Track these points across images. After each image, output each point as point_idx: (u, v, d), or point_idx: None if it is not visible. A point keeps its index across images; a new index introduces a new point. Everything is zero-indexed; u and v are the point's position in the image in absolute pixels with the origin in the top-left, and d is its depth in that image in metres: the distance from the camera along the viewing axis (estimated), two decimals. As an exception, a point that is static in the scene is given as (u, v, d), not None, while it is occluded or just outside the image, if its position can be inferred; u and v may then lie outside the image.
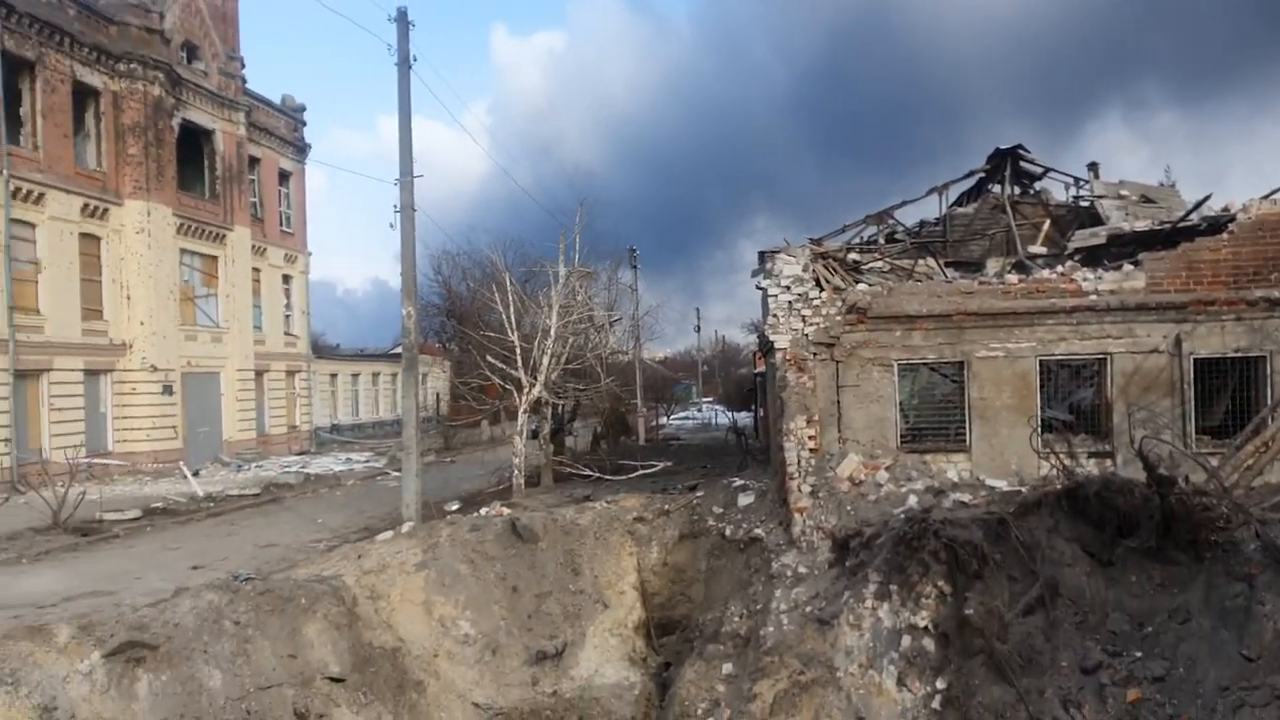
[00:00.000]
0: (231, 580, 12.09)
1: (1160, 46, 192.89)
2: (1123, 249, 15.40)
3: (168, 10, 32.37)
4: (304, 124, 43.34)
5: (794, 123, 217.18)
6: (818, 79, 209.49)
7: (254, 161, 38.75)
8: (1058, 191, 19.20)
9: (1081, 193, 18.58)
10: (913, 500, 12.89)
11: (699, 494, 16.50)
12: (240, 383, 35.89)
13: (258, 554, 16.92)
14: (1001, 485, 13.31)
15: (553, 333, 20.56)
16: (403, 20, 18.37)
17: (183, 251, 33.24)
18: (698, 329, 71.83)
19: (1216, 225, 14.33)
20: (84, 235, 29.15)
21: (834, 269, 15.53)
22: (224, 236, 35.48)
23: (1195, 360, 13.75)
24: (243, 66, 37.04)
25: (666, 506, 15.66)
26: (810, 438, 13.82)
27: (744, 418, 45.28)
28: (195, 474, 28.37)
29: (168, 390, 31.43)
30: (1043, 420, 14.05)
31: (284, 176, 41.81)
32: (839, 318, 14.21)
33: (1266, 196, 14.10)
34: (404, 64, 18.24)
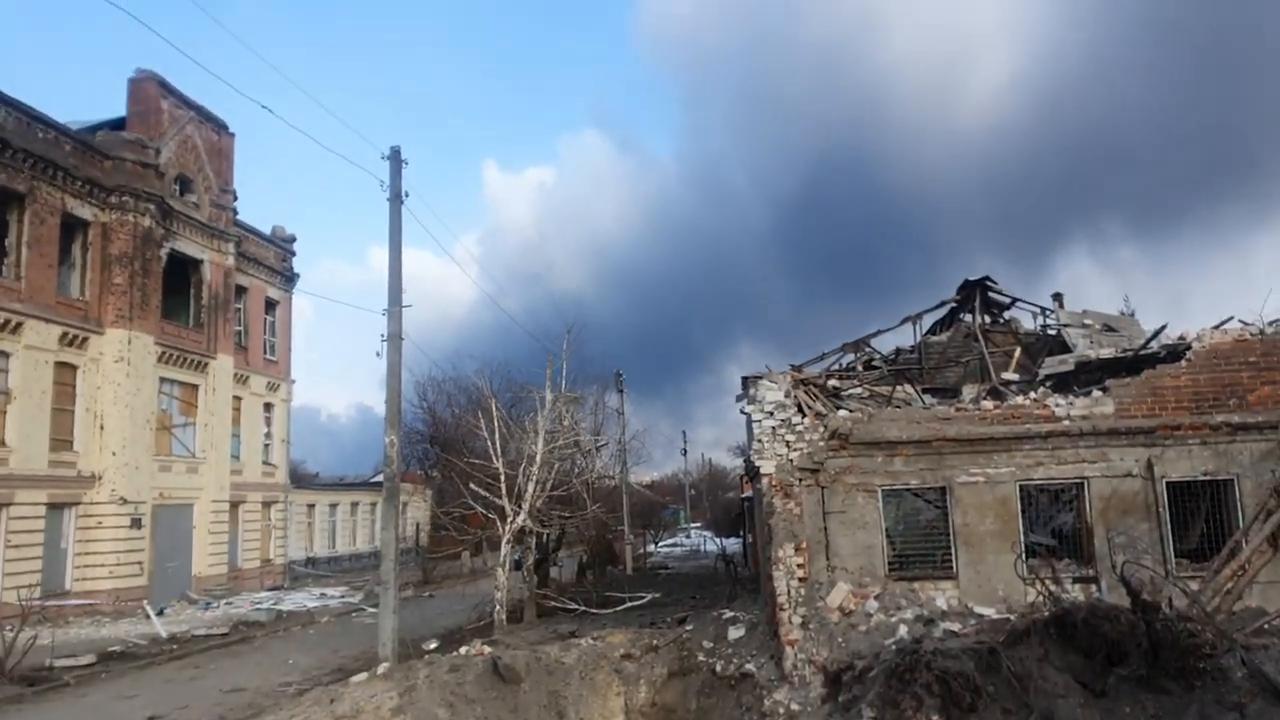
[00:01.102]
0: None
1: (1120, 185, 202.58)
2: (1090, 375, 15.89)
3: (164, 146, 33.30)
4: (293, 254, 44.11)
5: (774, 252, 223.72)
6: (795, 211, 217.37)
7: (241, 290, 39.20)
8: (1026, 320, 19.90)
9: (1048, 321, 19.26)
10: (903, 630, 12.84)
11: (688, 627, 16.30)
12: (214, 515, 35.23)
13: (223, 700, 16.31)
14: (990, 613, 13.30)
15: (538, 459, 20.60)
16: (395, 158, 19.08)
17: (162, 380, 33.16)
18: (684, 452, 71.76)
19: (1175, 353, 14.89)
20: (60, 364, 28.94)
21: (815, 395, 15.85)
22: (206, 365, 35.53)
23: (1168, 484, 14.03)
24: (235, 199, 37.92)
25: (655, 642, 15.42)
26: (799, 566, 13.83)
27: (732, 543, 44.95)
28: (160, 613, 27.43)
29: (136, 524, 30.73)
30: (1026, 545, 14.17)
31: (270, 305, 42.27)
32: (822, 443, 14.44)
33: (1217, 326, 14.74)
34: (396, 199, 18.86)
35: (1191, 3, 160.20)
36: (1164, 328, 16.61)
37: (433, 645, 19.39)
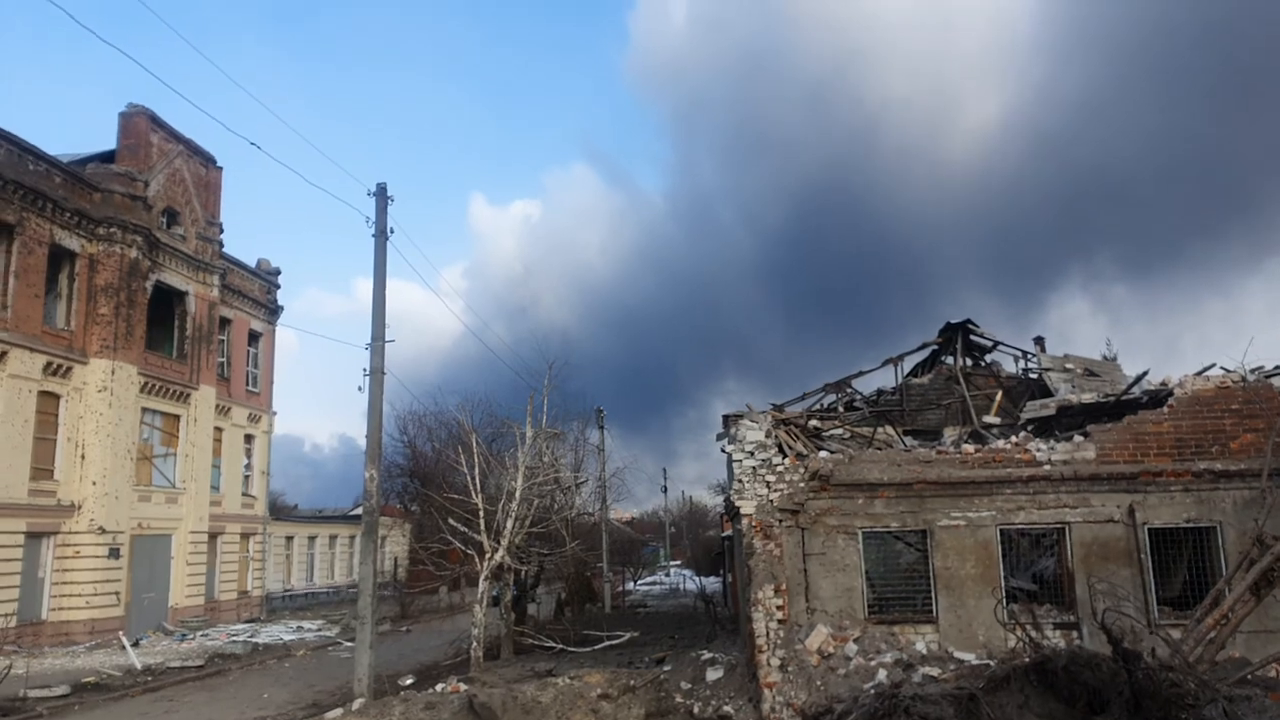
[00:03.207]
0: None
1: (1114, 223, 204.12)
2: (1072, 420, 15.92)
3: (153, 179, 33.42)
4: (278, 286, 44.11)
5: (762, 289, 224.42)
6: (784, 248, 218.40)
7: (225, 322, 39.13)
8: (1008, 363, 20.00)
9: (1030, 365, 19.35)
10: (882, 674, 12.70)
11: (667, 668, 16.12)
12: (193, 546, 34.84)
13: (196, 733, 16.08)
14: (970, 658, 13.19)
15: (518, 495, 20.45)
16: (381, 195, 19.11)
17: (144, 410, 32.96)
18: (664, 490, 71.48)
19: (1157, 399, 14.94)
20: (43, 393, 28.85)
21: (796, 435, 15.82)
22: (188, 395, 35.34)
23: (1150, 530, 14.01)
24: (221, 231, 37.99)
25: (632, 682, 15.23)
26: (779, 608, 13.71)
27: (712, 582, 44.65)
28: (136, 644, 27.12)
29: (114, 554, 30.37)
30: (1007, 590, 14.09)
31: (254, 337, 42.17)
32: (803, 484, 14.37)
33: (1200, 372, 14.81)
34: (381, 235, 18.87)
35: (1190, 40, 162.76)
36: (1146, 373, 16.71)
37: (409, 681, 19.11)
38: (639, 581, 61.47)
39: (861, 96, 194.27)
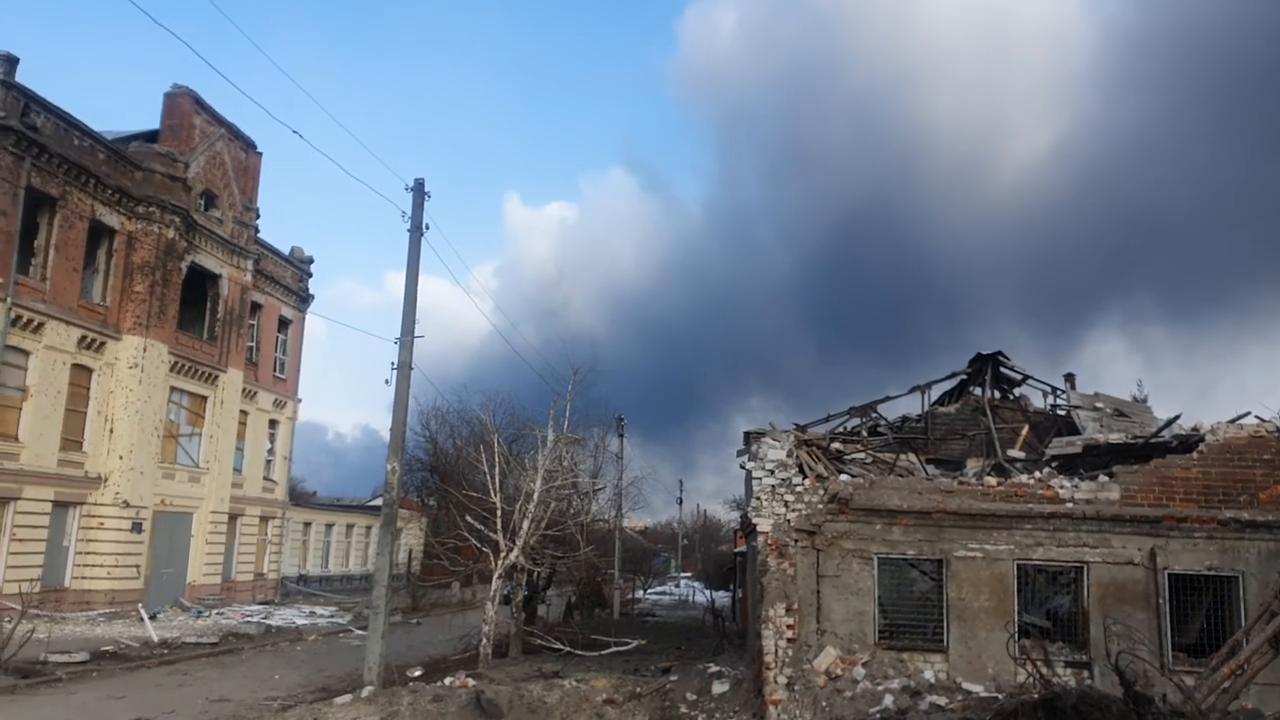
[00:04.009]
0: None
1: (1158, 264, 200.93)
2: (1098, 459, 15.80)
3: (193, 160, 33.92)
4: (310, 275, 44.63)
5: (794, 307, 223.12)
6: (820, 267, 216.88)
7: (256, 307, 39.63)
8: (1036, 399, 19.86)
9: (1058, 401, 19.22)
10: (889, 700, 12.68)
11: (673, 678, 16.15)
12: (212, 525, 35.30)
13: (208, 709, 16.25)
14: (978, 690, 13.13)
15: (535, 497, 20.57)
16: (418, 190, 19.21)
17: (173, 389, 33.44)
18: (680, 501, 71.57)
19: (1187, 444, 14.80)
20: (76, 366, 29.35)
21: (817, 456, 15.82)
22: (216, 378, 35.81)
23: (1170, 575, 13.89)
24: (257, 217, 38.53)
25: (638, 689, 15.28)
26: (789, 627, 13.71)
27: (722, 596, 44.58)
28: (153, 617, 27.53)
29: (137, 528, 30.87)
30: (1020, 625, 14.01)
31: (283, 323, 42.67)
32: (821, 506, 14.38)
33: (1234, 420, 14.65)
34: (416, 231, 19.00)
35: (1252, 85, 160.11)
36: (1177, 417, 16.55)
37: (417, 673, 19.26)
38: (649, 590, 61.49)
39: (910, 119, 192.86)
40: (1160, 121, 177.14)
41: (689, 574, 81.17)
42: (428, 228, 19.04)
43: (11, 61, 26.44)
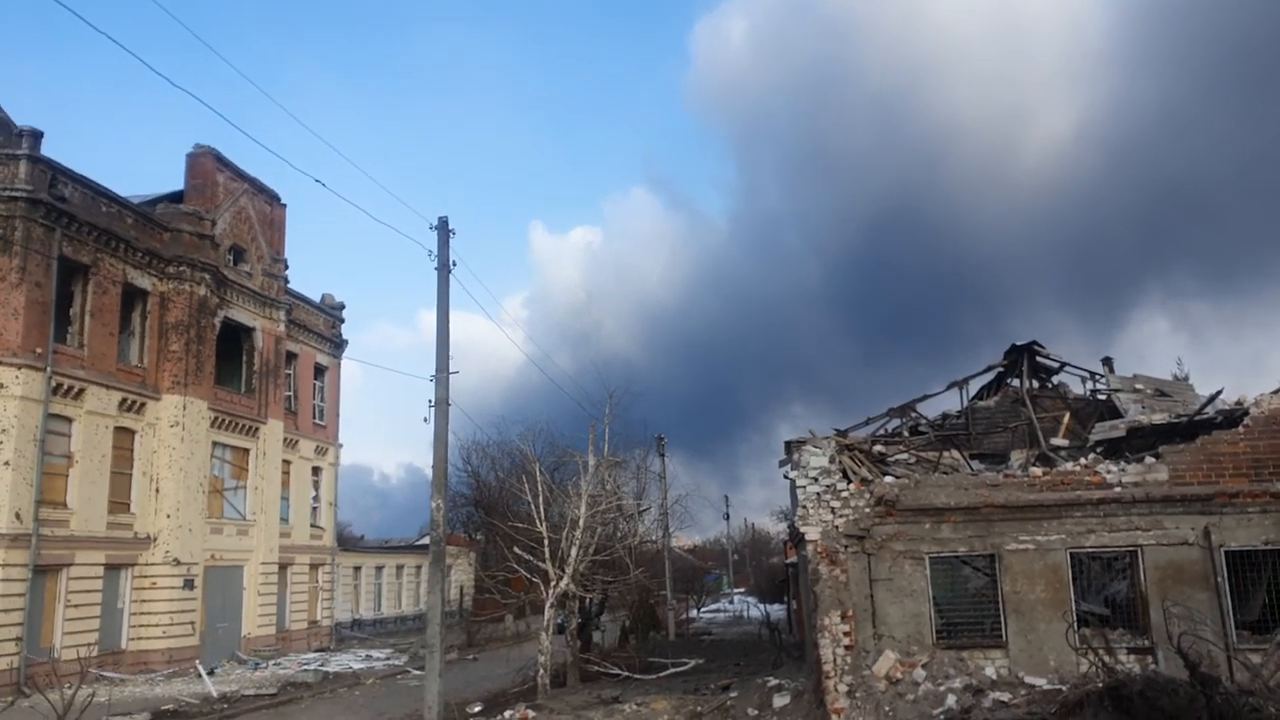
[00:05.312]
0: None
1: (1197, 239, 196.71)
2: (1143, 441, 15.66)
3: (219, 218, 34.51)
4: (342, 320, 45.19)
5: (829, 312, 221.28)
6: (851, 269, 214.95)
7: (291, 357, 40.12)
8: (1075, 385, 19.71)
9: (1098, 386, 19.06)
10: (951, 700, 12.61)
11: (733, 694, 16.13)
12: (263, 576, 35.65)
13: (275, 759, 16.49)
14: (1041, 683, 13.02)
15: (581, 523, 20.66)
16: (443, 228, 19.49)
17: (215, 444, 33.87)
18: (727, 517, 71.33)
19: (1232, 419, 14.65)
20: (119, 429, 29.67)
21: (860, 460, 15.81)
22: (257, 430, 36.28)
23: (1226, 553, 13.72)
24: (286, 267, 39.04)
25: (699, 709, 15.29)
26: (845, 634, 13.69)
27: (776, 609, 44.33)
28: (211, 672, 27.80)
29: (189, 584, 31.20)
30: (1078, 614, 13.88)
31: (319, 370, 43.17)
32: (868, 510, 14.36)
33: (1276, 391, 14.47)
34: (443, 269, 19.28)
35: (1278, 45, 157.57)
36: (1220, 392, 16.37)
37: (477, 709, 19.33)
38: (702, 609, 61.24)
39: (930, 112, 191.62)
40: (1184, 93, 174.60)
41: (742, 589, 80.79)
42: (455, 264, 19.29)
43: (37, 136, 27.08)
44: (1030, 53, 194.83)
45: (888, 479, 14.91)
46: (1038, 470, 14.73)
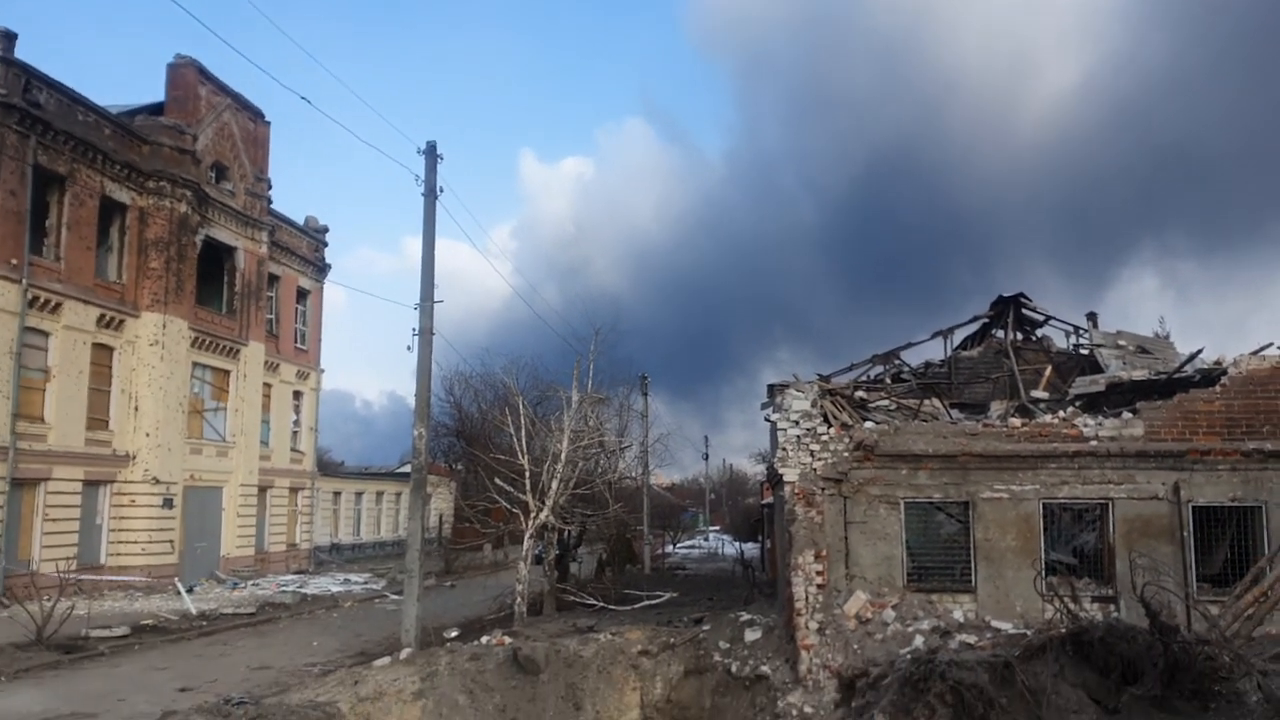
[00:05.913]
0: (222, 704, 11.71)
1: (1190, 198, 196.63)
2: (1121, 397, 15.85)
3: (201, 133, 33.76)
4: (325, 244, 44.72)
5: (821, 256, 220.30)
6: (846, 214, 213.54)
7: (273, 279, 39.77)
8: (1058, 339, 19.84)
9: (1081, 341, 19.21)
10: (919, 640, 12.92)
11: (705, 627, 16.43)
12: (243, 498, 35.83)
13: (250, 676, 16.71)
14: (1007, 627, 13.36)
15: (563, 457, 20.80)
16: (431, 153, 19.16)
17: (195, 365, 33.72)
18: (705, 457, 72.04)
19: (1210, 378, 14.84)
20: (97, 345, 29.46)
21: (841, 406, 15.93)
22: (238, 351, 36.09)
23: (1194, 508, 14.02)
24: (269, 188, 38.44)
25: (671, 640, 15.59)
26: (819, 573, 13.95)
27: (751, 548, 45.04)
28: (190, 590, 28.06)
29: (168, 504, 31.35)
30: (1047, 563, 14.19)
31: (302, 294, 42.85)
32: (847, 454, 14.53)
33: (1255, 352, 14.66)
34: (430, 195, 19.00)
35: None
36: (1200, 351, 16.54)
37: (454, 634, 19.66)
38: (678, 545, 62.18)
39: (934, 59, 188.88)
40: (1189, 53, 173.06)
41: (717, 527, 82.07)
42: (442, 191, 19.00)
43: (10, 37, 25.99)
44: (1040, 3, 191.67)
45: (868, 424, 15.06)
46: (1016, 421, 14.92)
